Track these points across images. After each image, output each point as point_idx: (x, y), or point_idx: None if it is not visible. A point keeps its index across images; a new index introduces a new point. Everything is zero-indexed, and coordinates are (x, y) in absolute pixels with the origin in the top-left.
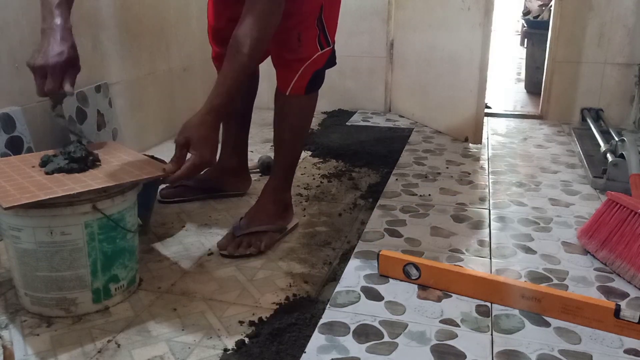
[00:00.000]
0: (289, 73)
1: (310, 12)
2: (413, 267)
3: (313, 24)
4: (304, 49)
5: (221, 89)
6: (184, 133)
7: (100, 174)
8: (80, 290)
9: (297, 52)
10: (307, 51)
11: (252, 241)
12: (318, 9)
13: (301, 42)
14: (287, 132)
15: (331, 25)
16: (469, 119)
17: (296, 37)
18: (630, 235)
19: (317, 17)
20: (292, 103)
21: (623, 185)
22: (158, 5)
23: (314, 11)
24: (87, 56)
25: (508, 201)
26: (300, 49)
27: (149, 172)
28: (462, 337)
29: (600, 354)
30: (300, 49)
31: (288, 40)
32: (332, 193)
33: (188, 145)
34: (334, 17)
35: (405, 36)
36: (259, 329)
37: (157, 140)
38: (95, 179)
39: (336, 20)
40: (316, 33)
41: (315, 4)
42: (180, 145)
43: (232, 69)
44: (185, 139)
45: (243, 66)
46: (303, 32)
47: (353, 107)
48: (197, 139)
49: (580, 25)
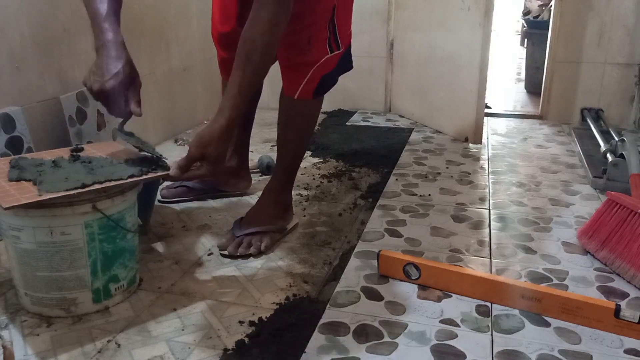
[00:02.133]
0: (297, 76)
1: (322, 14)
2: (413, 267)
3: (324, 27)
4: (314, 52)
5: (236, 101)
6: (203, 148)
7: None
8: (80, 290)
9: (306, 55)
10: (316, 54)
11: (252, 241)
12: (330, 11)
13: (311, 44)
14: (292, 134)
15: (343, 27)
16: (469, 119)
17: (306, 40)
18: (630, 235)
19: (329, 19)
20: (299, 106)
21: (623, 185)
22: (158, 5)
23: (326, 13)
24: (87, 56)
25: (508, 201)
26: (309, 52)
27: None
28: (462, 337)
29: (600, 354)
30: (310, 52)
31: (297, 43)
32: (332, 193)
33: (203, 159)
34: (346, 19)
35: (405, 36)
36: (259, 329)
37: (157, 140)
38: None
39: (349, 23)
40: (326, 36)
41: (327, 6)
42: (194, 159)
43: (245, 78)
44: (202, 154)
45: (255, 74)
46: (313, 35)
47: (353, 107)
48: (215, 156)
49: (580, 25)
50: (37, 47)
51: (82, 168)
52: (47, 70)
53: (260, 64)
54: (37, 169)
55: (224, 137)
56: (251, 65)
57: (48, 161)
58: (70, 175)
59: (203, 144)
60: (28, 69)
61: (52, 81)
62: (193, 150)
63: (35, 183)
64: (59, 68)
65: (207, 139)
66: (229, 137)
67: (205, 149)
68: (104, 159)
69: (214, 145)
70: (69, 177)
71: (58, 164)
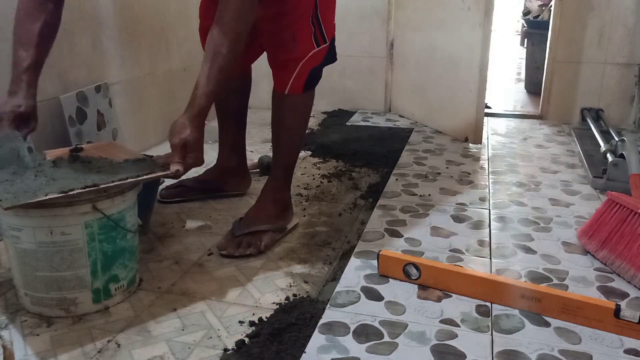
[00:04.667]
0: (285, 73)
1: (304, 11)
2: (413, 267)
3: (307, 22)
4: (300, 47)
5: (205, 90)
6: (180, 135)
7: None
8: (80, 290)
9: (292, 51)
10: (303, 50)
11: (252, 241)
12: (312, 6)
13: (296, 41)
14: (285, 132)
15: (328, 20)
16: (469, 119)
17: (291, 37)
18: (630, 235)
19: (311, 15)
20: (290, 102)
21: (623, 185)
22: (158, 5)
23: (307, 9)
24: (87, 56)
25: (508, 201)
26: (295, 48)
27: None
28: (462, 337)
29: (600, 354)
30: (296, 48)
31: (283, 41)
32: (332, 193)
33: (185, 147)
34: (330, 13)
35: (405, 36)
36: (259, 329)
37: (157, 140)
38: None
39: (333, 15)
40: (311, 31)
41: (309, 2)
42: (179, 148)
43: (214, 71)
44: (182, 142)
45: (223, 67)
46: (298, 31)
47: (353, 107)
48: (193, 142)
49: (580, 25)
50: None
51: (81, 168)
52: (47, 70)
53: (228, 57)
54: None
55: (197, 125)
56: (220, 59)
57: (48, 162)
58: (63, 176)
59: (180, 133)
60: None
61: (52, 81)
62: (175, 141)
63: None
64: (59, 68)
65: (181, 128)
66: (202, 125)
67: (183, 137)
68: (103, 159)
69: (190, 133)
70: (55, 180)
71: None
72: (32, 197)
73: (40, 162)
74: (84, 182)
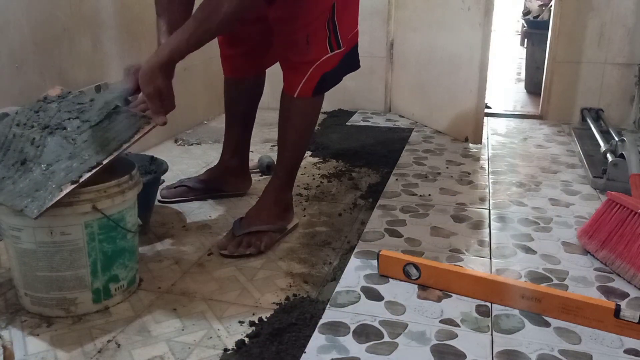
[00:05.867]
0: (296, 75)
1: (320, 13)
2: (413, 267)
3: (323, 26)
4: (312, 51)
5: (181, 45)
6: (154, 83)
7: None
8: (80, 290)
9: (304, 54)
10: (316, 53)
11: (252, 241)
12: (329, 10)
13: (309, 44)
14: (292, 134)
15: (345, 26)
16: (469, 119)
17: (304, 39)
18: (630, 235)
19: (328, 19)
20: (298, 105)
21: (623, 185)
22: None
23: (324, 12)
24: (87, 56)
25: (508, 201)
26: (308, 51)
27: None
28: (462, 337)
29: (600, 354)
30: (309, 51)
31: (296, 42)
32: (332, 193)
33: (161, 95)
34: (349, 18)
35: (405, 36)
36: (259, 329)
37: (157, 140)
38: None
39: (353, 22)
40: (326, 35)
41: (325, 5)
42: (155, 96)
43: (204, 25)
44: (157, 90)
45: (208, 33)
46: (312, 34)
47: (353, 107)
48: (166, 89)
49: (580, 25)
50: (37, 47)
51: (65, 144)
52: (47, 70)
53: (216, 27)
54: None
55: (168, 72)
56: (207, 24)
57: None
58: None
59: (153, 81)
60: (28, 68)
61: (52, 81)
62: (149, 90)
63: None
64: (59, 68)
65: (152, 76)
66: (172, 73)
67: (154, 83)
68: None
69: (162, 80)
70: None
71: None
72: (50, 195)
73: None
74: (86, 164)
